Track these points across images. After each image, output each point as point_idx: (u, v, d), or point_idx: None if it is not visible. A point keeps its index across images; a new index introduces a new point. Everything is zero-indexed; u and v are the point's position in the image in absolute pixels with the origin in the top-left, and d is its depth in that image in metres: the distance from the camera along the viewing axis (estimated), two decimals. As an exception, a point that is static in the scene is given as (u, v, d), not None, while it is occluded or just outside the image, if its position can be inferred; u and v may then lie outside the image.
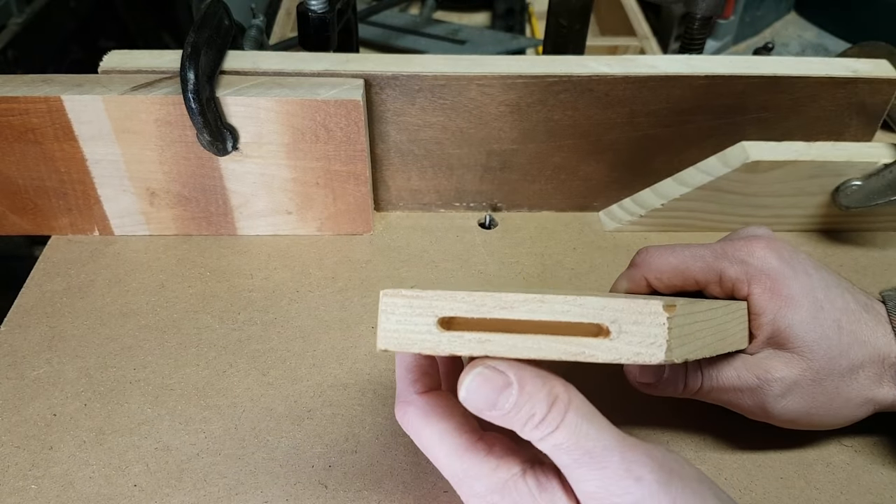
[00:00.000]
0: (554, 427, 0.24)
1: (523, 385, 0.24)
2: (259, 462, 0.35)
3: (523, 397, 0.24)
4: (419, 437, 0.28)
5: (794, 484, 0.35)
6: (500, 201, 0.50)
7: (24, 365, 0.40)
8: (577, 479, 0.25)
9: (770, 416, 0.34)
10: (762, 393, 0.33)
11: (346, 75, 0.43)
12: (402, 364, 0.30)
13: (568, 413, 0.24)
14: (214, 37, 0.41)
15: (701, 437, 0.37)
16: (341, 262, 0.46)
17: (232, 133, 0.42)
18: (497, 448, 0.27)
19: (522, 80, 0.44)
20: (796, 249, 0.35)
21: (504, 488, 0.26)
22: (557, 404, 0.24)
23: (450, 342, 0.24)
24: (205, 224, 0.47)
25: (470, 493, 0.27)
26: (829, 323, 0.33)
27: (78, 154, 0.43)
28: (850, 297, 0.34)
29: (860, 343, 0.33)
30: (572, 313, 0.23)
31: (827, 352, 0.32)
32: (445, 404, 0.29)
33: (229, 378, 0.39)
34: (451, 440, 0.27)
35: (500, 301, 0.24)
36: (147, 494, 0.34)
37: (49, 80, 0.42)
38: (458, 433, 0.28)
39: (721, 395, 0.34)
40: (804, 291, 0.33)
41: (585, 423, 0.24)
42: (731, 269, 0.33)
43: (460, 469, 0.27)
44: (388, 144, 0.47)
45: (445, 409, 0.28)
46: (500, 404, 0.24)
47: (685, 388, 0.34)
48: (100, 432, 0.36)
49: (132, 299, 0.43)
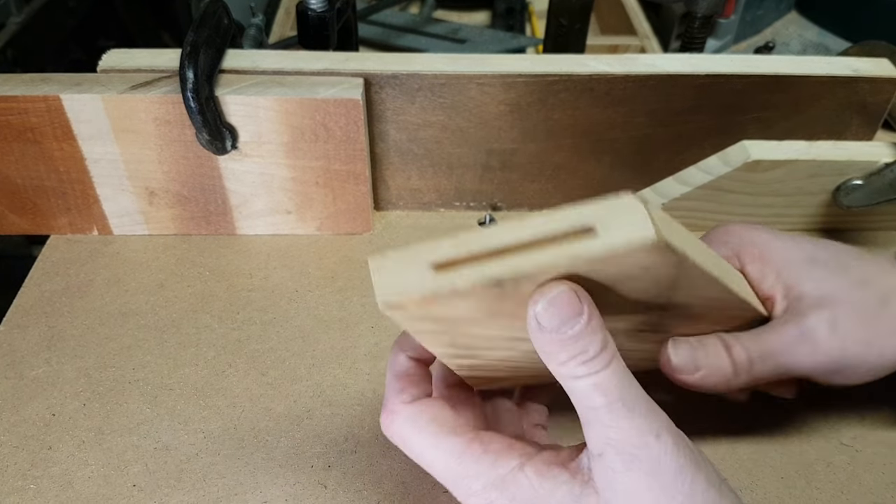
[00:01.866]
0: (601, 367, 0.25)
1: (591, 319, 0.25)
2: (258, 462, 0.35)
3: (587, 330, 0.25)
4: (410, 444, 0.28)
5: (795, 483, 0.35)
6: (499, 201, 0.50)
7: (22, 365, 0.39)
8: (603, 423, 0.25)
9: (835, 359, 0.32)
10: (812, 339, 0.32)
11: (346, 74, 0.43)
12: (391, 371, 0.29)
13: (614, 360, 0.25)
14: (214, 36, 0.41)
15: (701, 437, 0.37)
16: (341, 262, 0.46)
17: (231, 132, 0.42)
18: (493, 445, 0.27)
19: (522, 80, 0.43)
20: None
21: (503, 483, 0.26)
22: (609, 348, 0.25)
23: (449, 279, 0.24)
24: (204, 224, 0.47)
25: (468, 494, 0.27)
26: (833, 264, 0.33)
27: (77, 153, 0.43)
28: (841, 245, 0.34)
29: (874, 274, 0.33)
30: (555, 223, 0.23)
31: (845, 283, 0.33)
32: (435, 410, 0.28)
33: (228, 378, 0.39)
34: (447, 442, 0.27)
35: (483, 235, 0.24)
36: (146, 494, 0.34)
37: (48, 80, 0.41)
38: (453, 435, 0.28)
39: (775, 359, 0.32)
40: (794, 245, 0.33)
41: (626, 375, 0.25)
42: (718, 252, 0.34)
43: (458, 470, 0.27)
44: (388, 144, 0.47)
45: (436, 414, 0.28)
46: (563, 329, 0.24)
47: (734, 370, 0.32)
48: (99, 432, 0.36)
49: (131, 299, 0.43)
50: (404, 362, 0.30)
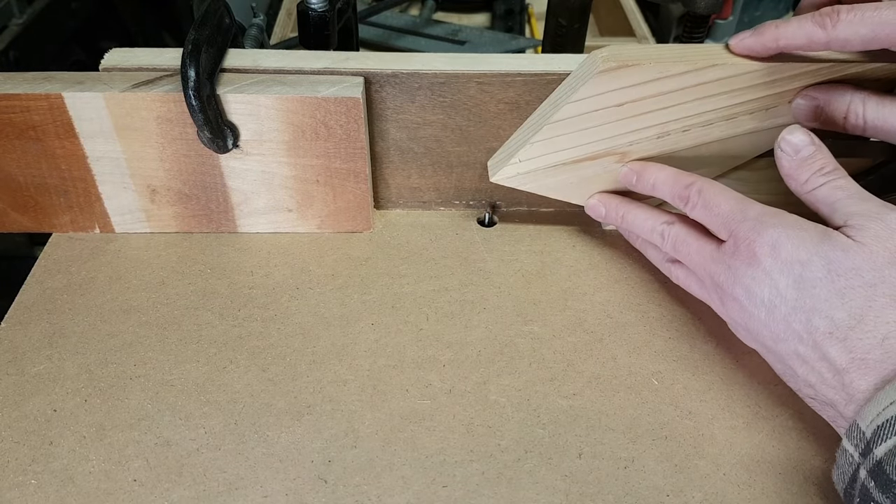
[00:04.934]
0: (839, 176, 0.36)
1: (818, 144, 0.37)
2: (258, 457, 0.36)
3: (819, 151, 0.37)
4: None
5: (793, 479, 0.35)
6: (499, 199, 0.50)
7: (24, 361, 0.40)
8: (845, 205, 0.35)
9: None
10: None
11: (347, 73, 0.43)
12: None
13: (846, 175, 0.36)
14: (215, 34, 0.42)
15: (699, 432, 0.37)
16: (341, 260, 0.47)
17: (232, 130, 0.43)
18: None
19: (521, 78, 0.44)
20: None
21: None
22: (839, 168, 0.36)
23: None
24: (205, 221, 0.47)
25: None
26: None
27: (79, 151, 0.43)
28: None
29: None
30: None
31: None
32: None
33: (229, 374, 0.39)
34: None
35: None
36: (147, 489, 0.34)
37: (50, 78, 0.42)
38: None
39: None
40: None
41: (859, 187, 0.36)
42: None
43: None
44: (388, 142, 0.47)
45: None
46: (803, 152, 0.37)
47: (846, 122, 0.39)
48: (100, 428, 0.37)
49: (133, 296, 0.44)
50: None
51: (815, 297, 0.33)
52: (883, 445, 0.29)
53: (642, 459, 0.36)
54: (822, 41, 0.36)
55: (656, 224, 0.42)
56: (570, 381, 0.39)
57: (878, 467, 0.29)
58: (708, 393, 0.39)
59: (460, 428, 0.37)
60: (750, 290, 0.35)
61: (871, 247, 0.33)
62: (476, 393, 0.39)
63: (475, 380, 0.39)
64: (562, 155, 0.42)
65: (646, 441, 0.37)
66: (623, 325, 0.43)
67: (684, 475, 0.35)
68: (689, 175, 0.40)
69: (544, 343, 0.42)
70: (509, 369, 0.40)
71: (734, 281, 0.36)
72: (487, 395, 0.39)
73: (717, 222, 0.38)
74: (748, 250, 0.35)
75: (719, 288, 0.37)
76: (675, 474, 0.35)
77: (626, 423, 0.38)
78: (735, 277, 0.36)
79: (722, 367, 0.40)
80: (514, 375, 0.40)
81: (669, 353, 0.41)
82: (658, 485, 0.35)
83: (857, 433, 0.30)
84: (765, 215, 0.36)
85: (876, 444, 0.29)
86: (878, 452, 0.29)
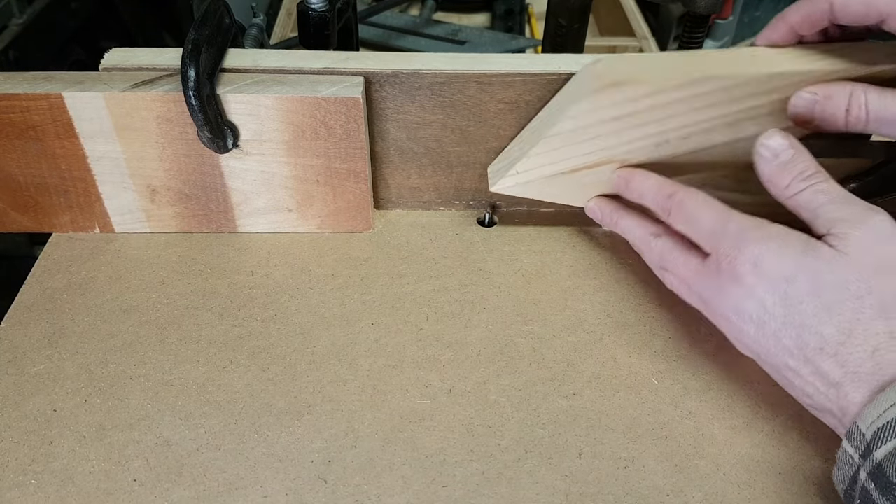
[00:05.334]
0: (820, 180, 0.35)
1: (798, 147, 0.36)
2: (258, 457, 0.36)
3: (798, 155, 0.36)
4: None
5: (794, 479, 0.35)
6: (499, 199, 0.50)
7: (24, 361, 0.40)
8: (828, 211, 0.34)
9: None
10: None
11: (347, 73, 0.43)
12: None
13: (830, 179, 0.35)
14: (215, 34, 0.42)
15: (699, 432, 0.37)
16: (341, 260, 0.47)
17: (232, 130, 0.43)
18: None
19: (521, 78, 0.44)
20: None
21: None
22: (820, 171, 0.35)
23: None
24: (205, 221, 0.47)
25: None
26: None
27: (79, 151, 0.43)
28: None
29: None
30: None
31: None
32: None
33: (229, 374, 0.39)
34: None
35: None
36: (147, 489, 0.34)
37: (50, 78, 0.42)
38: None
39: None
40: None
41: (842, 189, 0.35)
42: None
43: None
44: (388, 142, 0.47)
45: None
46: (782, 156, 0.36)
47: (848, 116, 0.38)
48: (100, 428, 0.37)
49: (133, 296, 0.44)
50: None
51: (803, 314, 0.33)
52: (883, 448, 0.29)
53: (642, 459, 0.36)
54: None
55: (644, 234, 0.42)
56: (570, 381, 0.39)
57: (878, 469, 0.29)
58: (708, 393, 0.39)
59: (460, 428, 0.37)
60: (737, 307, 0.35)
61: (855, 256, 0.33)
62: (476, 393, 0.39)
63: (475, 380, 0.39)
64: (560, 165, 0.42)
65: (646, 441, 0.37)
66: (623, 325, 0.43)
67: (684, 475, 0.35)
68: (672, 184, 0.40)
69: (544, 343, 0.42)
70: (509, 369, 0.40)
71: (721, 299, 0.36)
72: (487, 395, 0.39)
73: (698, 237, 0.37)
74: (730, 268, 0.35)
75: (706, 304, 0.37)
76: (675, 474, 0.35)
77: (626, 422, 0.38)
78: (721, 295, 0.36)
79: (722, 367, 0.40)
80: (514, 375, 0.40)
81: (669, 353, 0.41)
82: (658, 485, 0.35)
83: (858, 435, 0.30)
84: (746, 230, 0.35)
85: (876, 446, 0.29)
86: (878, 455, 0.29)
